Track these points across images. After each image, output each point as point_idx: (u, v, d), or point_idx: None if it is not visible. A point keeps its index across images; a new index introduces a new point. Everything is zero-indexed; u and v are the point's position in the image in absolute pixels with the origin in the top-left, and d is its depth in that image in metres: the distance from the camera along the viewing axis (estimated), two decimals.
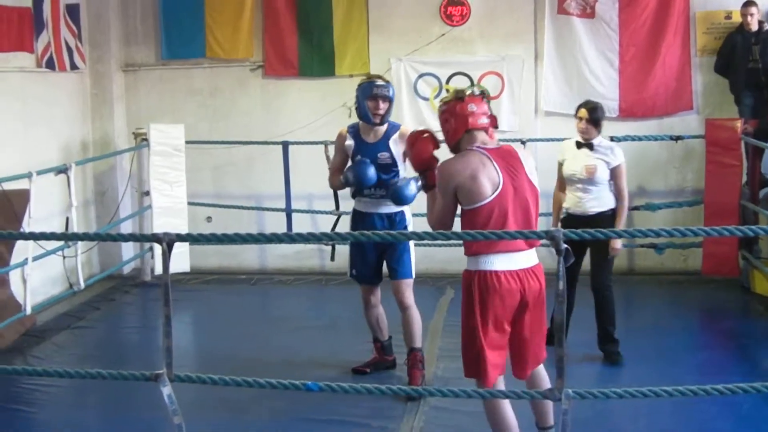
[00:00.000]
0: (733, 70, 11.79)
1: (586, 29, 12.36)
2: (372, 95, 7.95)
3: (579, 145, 8.88)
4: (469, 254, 6.00)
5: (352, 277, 8.57)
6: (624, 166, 8.75)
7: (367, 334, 8.88)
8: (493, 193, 5.90)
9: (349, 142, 8.20)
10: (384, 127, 8.11)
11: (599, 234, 5.36)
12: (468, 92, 6.17)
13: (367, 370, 8.58)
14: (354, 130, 8.26)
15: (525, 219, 6.03)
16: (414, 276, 8.30)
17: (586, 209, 8.75)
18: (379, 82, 8.06)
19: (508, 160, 6.09)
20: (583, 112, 8.82)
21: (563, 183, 9.07)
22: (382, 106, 7.98)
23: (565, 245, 5.03)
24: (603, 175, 8.67)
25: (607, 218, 8.58)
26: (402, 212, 8.22)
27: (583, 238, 5.38)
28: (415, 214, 8.45)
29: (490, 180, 5.92)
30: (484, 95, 6.25)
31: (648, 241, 11.95)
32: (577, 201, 8.86)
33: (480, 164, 5.97)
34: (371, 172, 7.92)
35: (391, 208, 8.15)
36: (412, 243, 8.25)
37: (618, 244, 8.71)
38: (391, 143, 8.05)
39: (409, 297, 8.21)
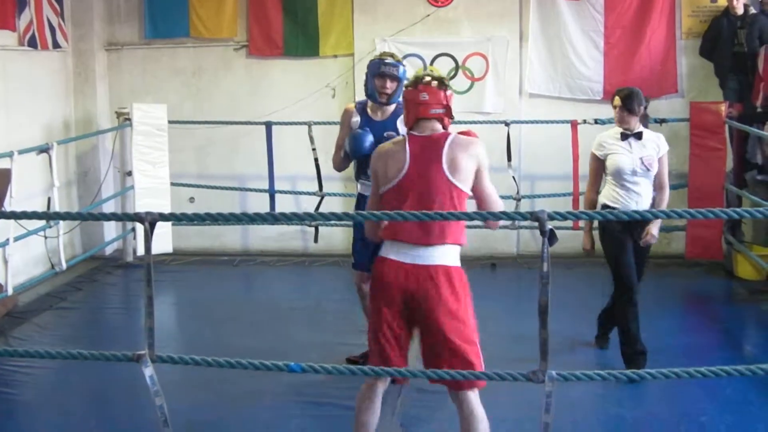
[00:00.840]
0: (719, 54, 11.78)
1: (571, 11, 12.35)
2: (380, 73, 7.66)
3: (624, 136, 8.17)
4: None
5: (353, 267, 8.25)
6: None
7: (351, 317, 8.87)
8: (395, 178, 5.73)
9: (356, 118, 7.90)
10: (392, 107, 7.82)
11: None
12: (424, 80, 5.88)
13: (359, 360, 8.12)
14: (361, 106, 7.98)
15: (426, 209, 5.54)
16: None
17: (638, 204, 8.04)
18: (389, 60, 7.76)
19: (426, 148, 5.76)
20: (617, 100, 8.20)
21: (598, 180, 8.37)
22: (390, 85, 7.67)
23: (550, 227, 4.99)
24: (656, 165, 8.17)
25: None
26: None
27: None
28: None
29: (396, 166, 5.73)
30: (441, 83, 5.91)
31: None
32: (626, 196, 8.08)
33: (394, 150, 5.83)
34: (368, 141, 7.61)
35: None
36: None
37: (655, 230, 8.14)
38: (399, 122, 7.69)
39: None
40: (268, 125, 12.18)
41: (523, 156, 12.37)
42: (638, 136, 8.15)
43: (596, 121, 11.56)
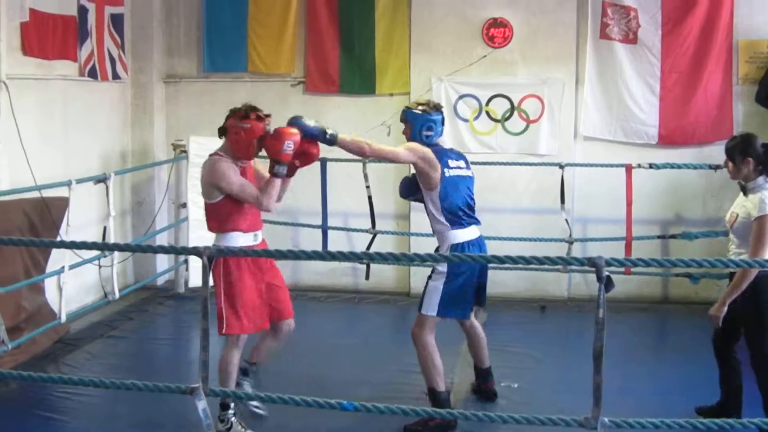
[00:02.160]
0: None
1: (627, 54, 12.30)
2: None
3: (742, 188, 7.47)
4: None
5: None
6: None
7: (398, 356, 8.90)
8: None
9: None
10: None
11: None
12: None
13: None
14: None
15: None
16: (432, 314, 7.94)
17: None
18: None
19: None
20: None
21: None
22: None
23: (607, 273, 4.98)
24: (743, 226, 7.31)
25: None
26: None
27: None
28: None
29: None
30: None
31: (683, 270, 11.86)
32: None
33: None
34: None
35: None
36: (439, 282, 7.87)
37: (718, 310, 7.33)
38: None
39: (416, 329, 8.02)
40: (323, 161, 12.19)
41: (576, 199, 12.33)
42: (744, 190, 7.48)
43: (651, 166, 11.51)
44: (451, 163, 7.99)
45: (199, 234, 11.63)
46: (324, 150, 12.28)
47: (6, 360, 8.94)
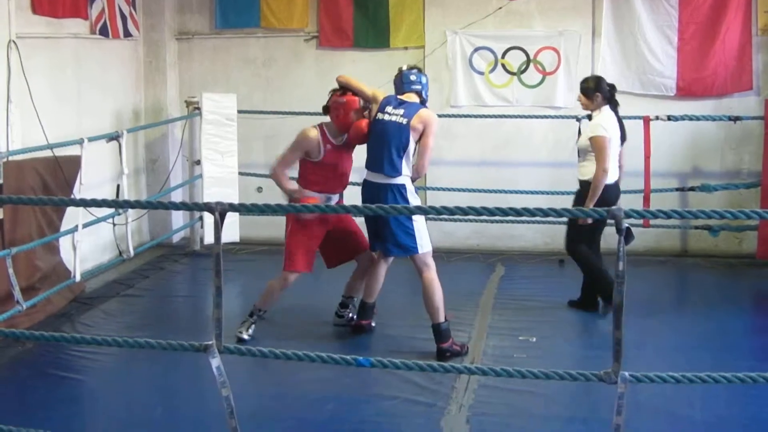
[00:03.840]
0: None
1: (645, 6, 12.16)
2: None
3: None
4: None
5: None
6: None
7: (417, 311, 8.86)
8: None
9: None
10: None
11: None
12: None
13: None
14: None
15: None
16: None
17: None
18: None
19: None
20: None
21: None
22: None
23: (627, 225, 4.89)
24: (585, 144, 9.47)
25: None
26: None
27: None
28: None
29: None
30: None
31: (702, 222, 11.79)
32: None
33: None
34: None
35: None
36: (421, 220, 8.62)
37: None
38: None
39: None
40: None
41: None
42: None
43: (669, 118, 11.43)
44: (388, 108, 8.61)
45: (214, 191, 11.66)
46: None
47: (21, 320, 8.95)
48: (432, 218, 11.81)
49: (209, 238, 11.82)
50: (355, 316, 9.21)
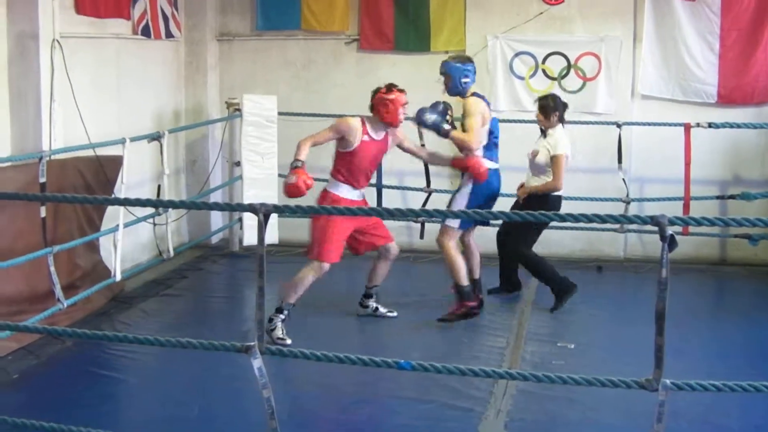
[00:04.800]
0: None
1: (686, 12, 12.09)
2: None
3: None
4: None
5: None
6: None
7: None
8: None
9: None
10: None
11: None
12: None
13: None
14: None
15: None
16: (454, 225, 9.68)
17: None
18: None
19: None
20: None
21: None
22: None
23: (671, 232, 4.88)
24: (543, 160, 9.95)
25: None
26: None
27: None
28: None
29: None
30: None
31: (742, 231, 11.72)
32: None
33: None
34: None
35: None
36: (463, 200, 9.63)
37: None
38: None
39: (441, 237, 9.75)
40: None
41: (633, 158, 12.19)
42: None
43: (710, 125, 11.38)
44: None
45: (253, 192, 11.69)
46: None
47: (61, 318, 9.02)
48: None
49: (248, 240, 11.86)
50: (377, 306, 9.84)
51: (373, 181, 12.23)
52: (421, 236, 11.35)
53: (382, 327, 9.48)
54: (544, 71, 12.46)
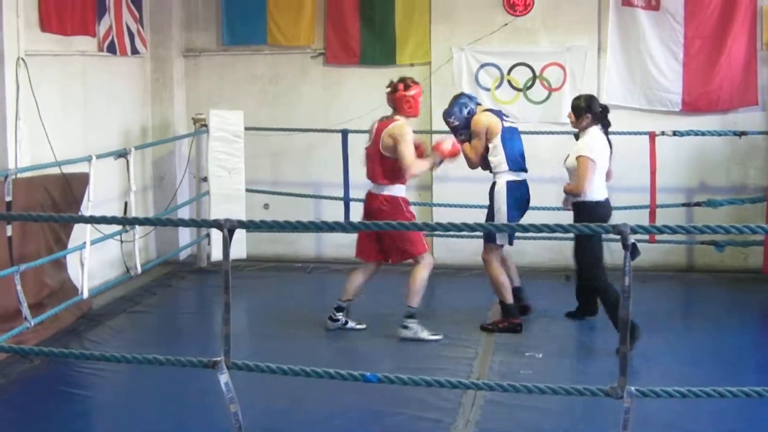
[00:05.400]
0: None
1: (650, 21, 12.18)
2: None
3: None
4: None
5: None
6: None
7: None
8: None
9: None
10: None
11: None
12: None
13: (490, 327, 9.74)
14: None
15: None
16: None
17: None
18: None
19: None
20: None
21: None
22: None
23: (633, 240, 4.92)
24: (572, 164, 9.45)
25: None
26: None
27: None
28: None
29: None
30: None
31: (708, 237, 11.78)
32: None
33: None
34: None
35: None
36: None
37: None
38: None
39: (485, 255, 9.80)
40: (344, 133, 12.19)
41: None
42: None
43: (675, 133, 11.45)
44: (504, 117, 9.96)
45: (221, 207, 11.68)
46: (345, 121, 12.39)
47: (29, 336, 8.98)
48: (439, 234, 11.90)
49: (216, 255, 11.84)
50: (347, 320, 9.87)
51: (340, 193, 12.28)
52: None
53: (353, 340, 9.48)
54: (509, 82, 12.51)
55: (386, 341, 9.34)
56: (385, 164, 9.38)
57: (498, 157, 9.66)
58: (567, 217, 10.71)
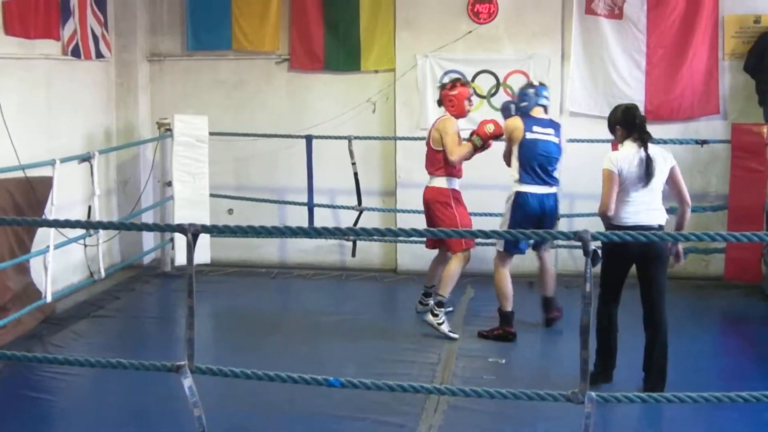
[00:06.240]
0: (762, 70, 11.69)
1: (613, 30, 12.26)
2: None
3: None
4: None
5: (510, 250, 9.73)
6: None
7: (387, 332, 9.00)
8: None
9: None
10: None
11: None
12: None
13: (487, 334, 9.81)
14: None
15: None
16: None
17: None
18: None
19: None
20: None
21: None
22: None
23: (594, 247, 4.97)
24: None
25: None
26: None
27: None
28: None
29: None
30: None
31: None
32: None
33: None
34: None
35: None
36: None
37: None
38: None
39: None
40: (309, 139, 12.22)
41: (562, 175, 12.22)
42: None
43: None
44: (535, 128, 9.84)
45: (185, 212, 11.67)
46: (309, 127, 12.40)
47: None
48: (403, 241, 11.94)
49: (180, 260, 11.82)
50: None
51: (304, 199, 12.30)
52: (353, 254, 11.37)
53: (318, 344, 9.49)
54: (473, 89, 12.54)
55: (350, 346, 9.35)
56: (435, 157, 9.98)
57: (514, 165, 9.84)
58: None
